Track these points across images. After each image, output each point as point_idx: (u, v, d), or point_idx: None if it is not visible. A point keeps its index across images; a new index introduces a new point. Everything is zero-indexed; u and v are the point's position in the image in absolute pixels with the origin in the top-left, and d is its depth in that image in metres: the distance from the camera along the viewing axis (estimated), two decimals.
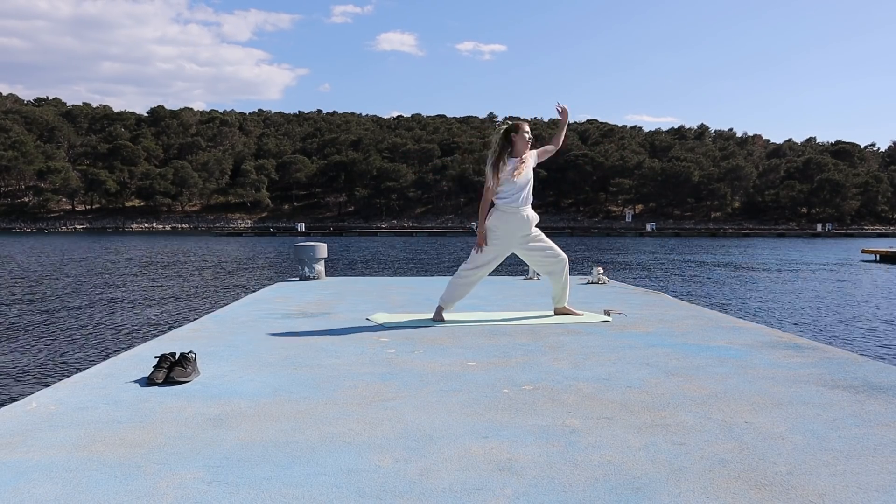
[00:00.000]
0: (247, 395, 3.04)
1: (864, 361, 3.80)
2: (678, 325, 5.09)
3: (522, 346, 4.19)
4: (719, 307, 13.15)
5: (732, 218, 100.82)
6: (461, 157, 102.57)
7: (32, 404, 2.88)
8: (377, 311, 5.75)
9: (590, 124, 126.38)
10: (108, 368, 3.61)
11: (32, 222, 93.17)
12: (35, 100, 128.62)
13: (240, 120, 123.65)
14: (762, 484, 2.03)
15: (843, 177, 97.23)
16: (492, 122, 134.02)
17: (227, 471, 2.14)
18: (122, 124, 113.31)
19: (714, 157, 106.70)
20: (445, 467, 2.17)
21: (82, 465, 2.17)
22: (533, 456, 2.27)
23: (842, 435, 2.48)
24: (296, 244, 9.03)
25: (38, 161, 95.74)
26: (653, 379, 3.35)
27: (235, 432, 2.52)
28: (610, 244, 49.60)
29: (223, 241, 55.81)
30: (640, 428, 2.57)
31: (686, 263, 28.87)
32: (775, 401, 2.94)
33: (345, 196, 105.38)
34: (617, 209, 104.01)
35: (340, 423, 2.64)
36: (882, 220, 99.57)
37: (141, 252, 35.79)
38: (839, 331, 10.95)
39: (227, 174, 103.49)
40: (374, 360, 3.79)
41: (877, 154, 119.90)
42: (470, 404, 2.90)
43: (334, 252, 34.23)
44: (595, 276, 8.26)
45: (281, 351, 4.06)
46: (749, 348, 4.14)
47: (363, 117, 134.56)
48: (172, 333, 4.80)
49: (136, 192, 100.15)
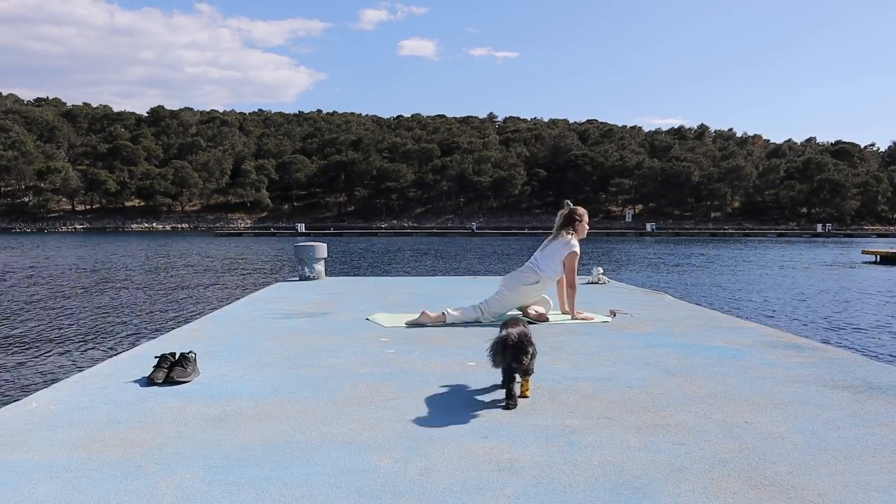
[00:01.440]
0: (247, 395, 3.03)
1: (864, 361, 3.80)
2: (678, 325, 5.09)
3: None
4: (719, 307, 13.15)
5: (732, 218, 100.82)
6: (461, 157, 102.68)
7: (32, 404, 2.88)
8: (377, 311, 5.75)
9: (590, 124, 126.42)
10: (108, 368, 3.61)
11: (32, 222, 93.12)
12: (35, 100, 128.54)
13: (240, 120, 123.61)
14: (762, 484, 2.03)
15: (843, 177, 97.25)
16: (492, 121, 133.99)
17: (227, 471, 2.14)
18: (122, 124, 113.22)
19: (714, 157, 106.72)
20: (445, 467, 2.17)
21: (82, 465, 2.17)
22: (533, 456, 2.27)
23: (842, 435, 2.48)
24: (296, 244, 9.03)
25: (38, 161, 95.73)
26: (653, 379, 3.35)
27: (235, 432, 2.51)
28: (610, 244, 49.60)
29: (223, 241, 55.80)
30: (640, 428, 2.57)
31: (686, 263, 28.86)
32: (775, 401, 2.94)
33: (345, 196, 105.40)
34: (617, 209, 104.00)
35: (340, 423, 2.64)
36: (882, 221, 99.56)
37: (141, 252, 35.78)
38: (839, 331, 10.94)
39: (227, 174, 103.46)
40: (374, 360, 3.79)
41: (877, 154, 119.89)
42: (470, 404, 2.90)
43: (334, 252, 34.23)
44: (595, 276, 8.26)
45: (281, 351, 4.06)
46: (749, 348, 4.14)
47: (363, 117, 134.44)
48: (172, 333, 4.80)
49: (136, 192, 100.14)
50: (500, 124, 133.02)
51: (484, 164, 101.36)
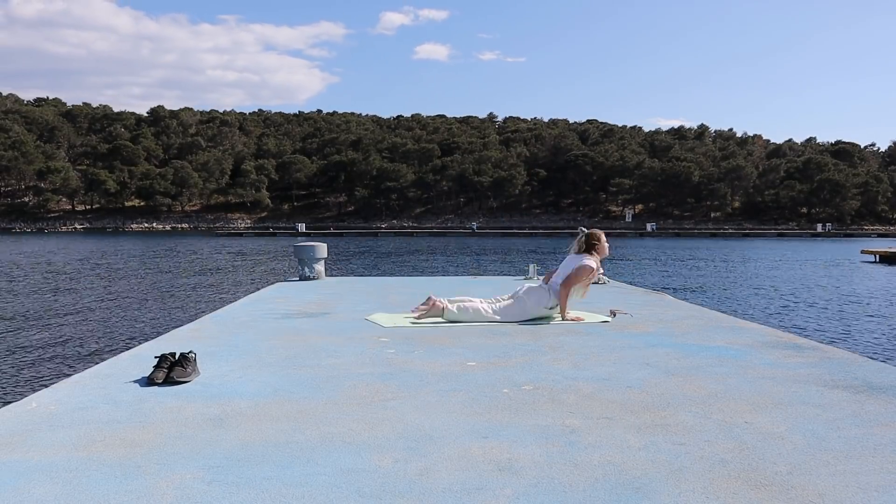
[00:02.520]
0: (247, 395, 3.04)
1: (864, 361, 3.80)
2: (678, 325, 5.09)
3: (522, 346, 4.19)
4: (719, 307, 13.15)
5: (732, 218, 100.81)
6: (461, 156, 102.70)
7: (32, 404, 2.88)
8: (377, 311, 5.75)
9: (590, 124, 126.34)
10: (108, 368, 3.61)
11: (32, 222, 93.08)
12: (35, 100, 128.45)
13: (240, 120, 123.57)
14: (762, 484, 2.03)
15: (843, 177, 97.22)
16: (492, 121, 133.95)
17: (227, 471, 2.14)
18: (122, 124, 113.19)
19: (714, 157, 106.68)
20: (445, 467, 2.17)
21: (82, 465, 2.17)
22: (533, 456, 2.27)
23: (842, 435, 2.48)
24: (296, 244, 9.03)
25: (38, 161, 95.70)
26: (653, 379, 3.35)
27: (235, 432, 2.51)
28: (610, 244, 49.51)
29: (223, 241, 55.79)
30: (640, 428, 2.57)
31: (686, 263, 28.86)
32: (775, 401, 2.94)
33: (345, 196, 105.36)
34: (617, 209, 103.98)
35: (340, 423, 2.64)
36: (882, 221, 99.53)
37: (141, 252, 35.78)
38: (839, 331, 10.94)
39: (227, 174, 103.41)
40: (374, 360, 3.79)
41: (877, 154, 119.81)
42: (470, 404, 2.90)
43: (334, 252, 34.22)
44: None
45: (281, 351, 4.06)
46: (749, 348, 4.14)
47: (363, 117, 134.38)
48: (172, 333, 4.80)
49: (136, 192, 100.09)
50: (500, 124, 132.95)
51: (484, 164, 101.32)
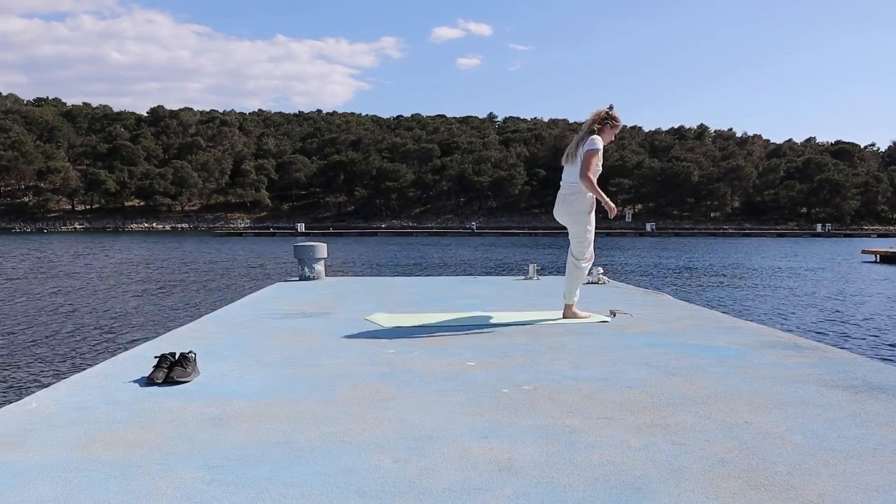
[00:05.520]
0: (247, 395, 3.03)
1: (864, 361, 3.80)
2: (678, 325, 5.09)
3: (522, 346, 4.19)
4: (719, 307, 13.14)
5: (732, 218, 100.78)
6: (461, 156, 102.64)
7: (32, 404, 2.88)
8: (377, 312, 5.75)
9: None
10: (108, 368, 3.61)
11: (32, 222, 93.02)
12: (35, 100, 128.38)
13: (240, 120, 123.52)
14: (762, 484, 2.03)
15: (843, 177, 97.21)
16: (491, 121, 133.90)
17: (227, 471, 2.14)
18: (122, 124, 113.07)
19: (714, 157, 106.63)
20: (445, 467, 2.17)
21: (82, 465, 2.17)
22: (532, 456, 2.27)
23: (842, 435, 2.48)
24: (296, 244, 9.02)
25: (38, 161, 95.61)
26: (652, 379, 3.35)
27: (235, 432, 2.51)
28: (610, 244, 49.57)
29: (223, 240, 55.78)
30: (640, 428, 2.57)
31: (686, 263, 28.86)
32: (775, 401, 2.94)
33: (344, 196, 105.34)
34: (617, 209, 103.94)
35: (340, 423, 2.64)
36: (882, 221, 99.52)
37: (140, 252, 35.77)
38: (839, 331, 10.94)
39: (227, 174, 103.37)
40: (373, 360, 3.79)
41: (877, 154, 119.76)
42: (470, 404, 2.90)
43: (334, 252, 34.22)
44: (595, 276, 8.25)
45: (281, 351, 4.06)
46: (749, 348, 4.13)
47: (363, 117, 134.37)
48: (172, 333, 4.80)
49: (136, 192, 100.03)
50: (500, 124, 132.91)
51: (484, 164, 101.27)
